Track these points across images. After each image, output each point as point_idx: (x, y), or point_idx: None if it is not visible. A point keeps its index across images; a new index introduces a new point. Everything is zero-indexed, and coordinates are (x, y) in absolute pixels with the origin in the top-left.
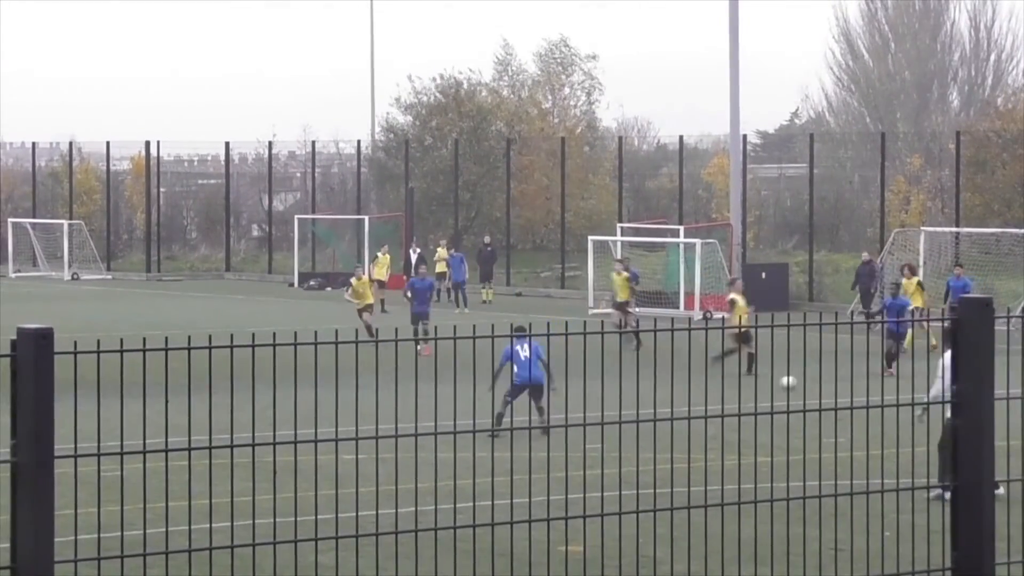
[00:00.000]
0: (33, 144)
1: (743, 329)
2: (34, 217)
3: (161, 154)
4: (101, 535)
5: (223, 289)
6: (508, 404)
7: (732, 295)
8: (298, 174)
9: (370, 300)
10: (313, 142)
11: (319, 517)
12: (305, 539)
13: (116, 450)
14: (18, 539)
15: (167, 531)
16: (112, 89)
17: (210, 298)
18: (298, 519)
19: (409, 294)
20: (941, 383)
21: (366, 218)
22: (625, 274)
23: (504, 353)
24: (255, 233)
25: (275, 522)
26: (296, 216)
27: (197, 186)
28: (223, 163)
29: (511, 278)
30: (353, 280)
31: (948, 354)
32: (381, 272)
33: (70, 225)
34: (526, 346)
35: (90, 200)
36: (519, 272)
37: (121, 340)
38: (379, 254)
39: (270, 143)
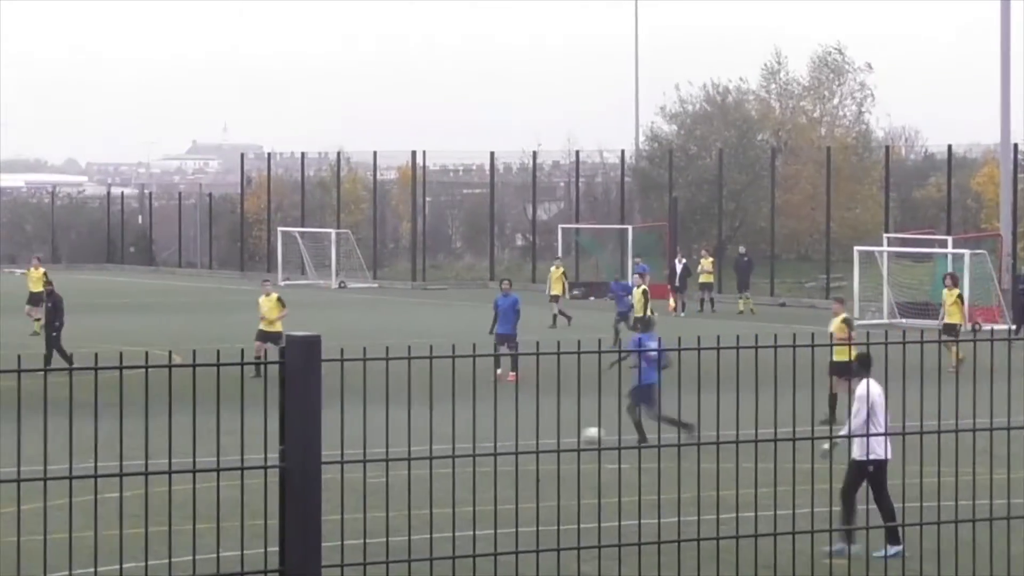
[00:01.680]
0: (302, 154)
1: None
2: (303, 226)
3: (427, 164)
4: (367, 541)
5: (487, 298)
6: None
7: None
8: (562, 184)
9: (277, 328)
10: (577, 152)
11: (581, 526)
12: (568, 548)
13: (380, 457)
14: (287, 543)
15: (431, 537)
16: (379, 101)
17: (474, 306)
18: (561, 528)
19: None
20: (860, 417)
21: (629, 227)
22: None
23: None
24: (519, 242)
25: (538, 530)
26: (560, 225)
27: (462, 195)
28: (488, 173)
29: (775, 288)
30: (262, 297)
31: (865, 384)
32: (556, 287)
33: (338, 234)
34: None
35: (357, 209)
36: (783, 282)
37: (387, 348)
38: (552, 268)
39: (534, 153)
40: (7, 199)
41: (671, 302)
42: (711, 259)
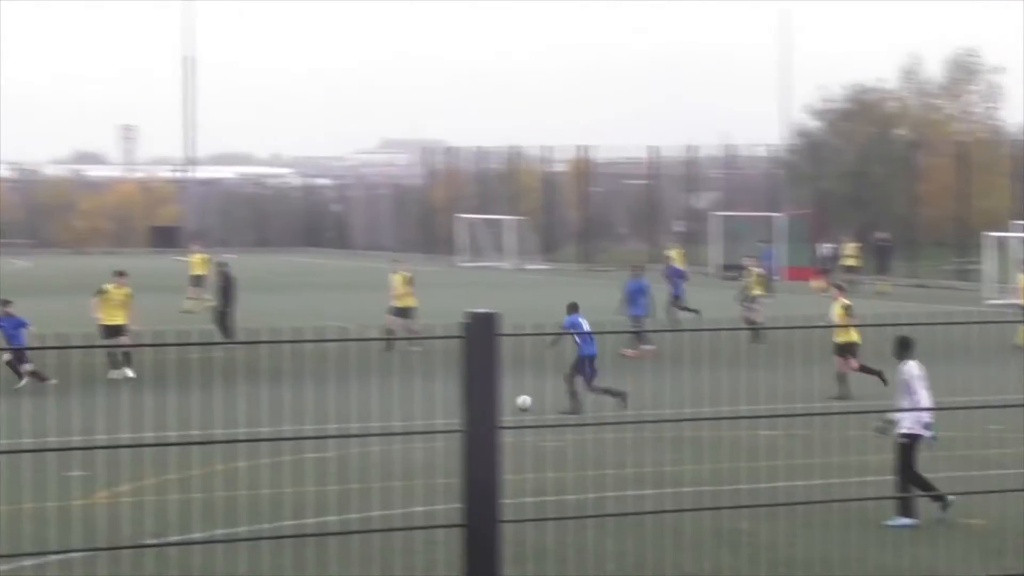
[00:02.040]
0: (483, 149)
1: None
2: (482, 213)
3: (594, 157)
4: (545, 499)
5: (649, 279)
6: None
7: None
8: (716, 175)
9: (407, 303)
10: (730, 145)
11: (740, 487)
12: (725, 507)
13: (555, 423)
14: (470, 501)
15: (600, 496)
16: (552, 100)
17: None
18: (720, 488)
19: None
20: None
21: (778, 215)
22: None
23: None
24: (677, 228)
25: (699, 490)
26: (714, 212)
27: (626, 186)
28: (649, 165)
29: (913, 271)
30: (392, 275)
31: (912, 364)
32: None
33: (513, 221)
34: None
35: (531, 198)
36: (922, 265)
37: (554, 325)
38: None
39: (692, 147)
40: (219, 189)
41: (818, 283)
42: (855, 244)
